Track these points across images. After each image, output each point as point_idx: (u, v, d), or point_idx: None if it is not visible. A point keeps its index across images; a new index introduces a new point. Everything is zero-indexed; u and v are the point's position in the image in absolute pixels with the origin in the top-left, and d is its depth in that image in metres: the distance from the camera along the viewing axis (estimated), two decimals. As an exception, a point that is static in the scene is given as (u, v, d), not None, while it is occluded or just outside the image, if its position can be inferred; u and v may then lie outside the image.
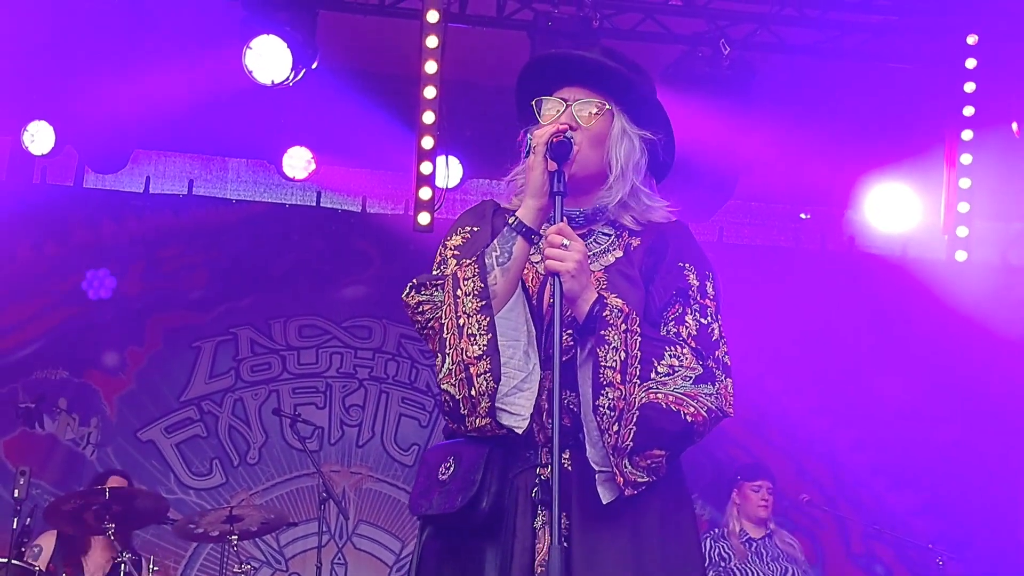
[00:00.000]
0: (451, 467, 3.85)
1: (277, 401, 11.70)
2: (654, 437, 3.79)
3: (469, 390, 3.72)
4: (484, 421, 3.73)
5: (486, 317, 3.75)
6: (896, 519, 11.27)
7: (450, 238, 4.06)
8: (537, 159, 3.85)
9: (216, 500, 11.32)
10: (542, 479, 3.81)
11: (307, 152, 10.87)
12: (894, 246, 11.71)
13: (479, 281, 3.79)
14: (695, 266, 4.10)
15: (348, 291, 11.78)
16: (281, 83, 9.19)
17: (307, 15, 9.34)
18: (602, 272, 4.00)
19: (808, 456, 11.55)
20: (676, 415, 3.82)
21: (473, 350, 3.72)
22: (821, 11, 9.89)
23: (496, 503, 3.76)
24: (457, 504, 3.76)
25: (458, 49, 9.35)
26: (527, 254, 3.87)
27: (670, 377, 3.86)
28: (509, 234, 3.86)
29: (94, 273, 11.37)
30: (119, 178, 11.19)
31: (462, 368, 3.73)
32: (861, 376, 11.77)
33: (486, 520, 3.77)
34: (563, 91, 4.12)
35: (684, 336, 3.96)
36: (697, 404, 3.84)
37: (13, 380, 11.29)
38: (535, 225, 3.86)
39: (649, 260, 4.07)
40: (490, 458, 3.78)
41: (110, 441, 11.40)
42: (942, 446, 11.68)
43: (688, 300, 4.03)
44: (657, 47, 9.96)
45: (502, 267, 3.81)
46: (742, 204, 11.81)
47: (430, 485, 3.88)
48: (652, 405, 3.80)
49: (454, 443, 3.90)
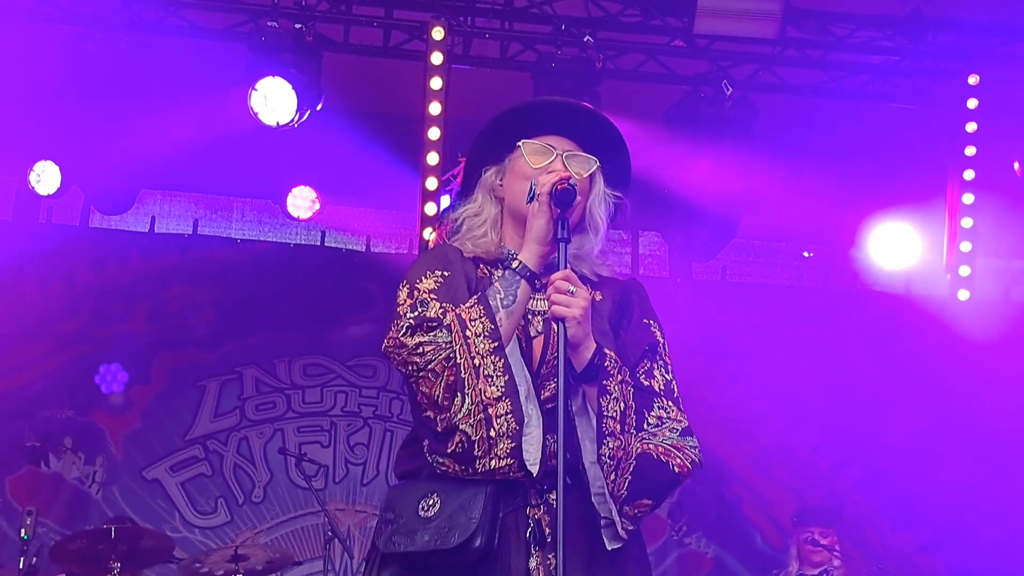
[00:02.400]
0: (435, 504, 3.81)
1: (282, 440, 11.70)
2: (645, 487, 3.86)
3: (488, 431, 3.71)
4: (503, 463, 3.73)
5: (500, 359, 3.77)
6: (900, 556, 11.28)
7: (419, 281, 3.97)
8: (542, 207, 3.87)
9: (221, 539, 11.32)
10: (534, 520, 3.84)
11: (312, 192, 10.92)
12: (897, 284, 11.73)
13: (488, 322, 3.79)
14: (658, 324, 4.19)
15: (352, 330, 11.78)
16: (286, 124, 9.23)
17: (312, 57, 9.40)
18: None
19: (812, 493, 11.54)
20: (666, 466, 3.89)
21: (492, 391, 3.73)
22: (823, 52, 9.94)
23: (488, 541, 3.76)
24: (453, 541, 3.73)
25: (462, 90, 9.40)
26: (527, 297, 3.90)
27: (659, 428, 3.95)
28: (512, 277, 3.88)
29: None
30: (125, 218, 11.24)
31: (481, 409, 3.72)
32: (865, 414, 11.77)
33: (478, 559, 3.76)
34: (549, 139, 4.13)
35: (657, 390, 4.03)
36: (683, 456, 3.93)
37: (19, 419, 11.29)
38: (537, 270, 3.89)
39: (616, 314, 4.14)
40: (487, 497, 3.78)
41: (116, 480, 11.39)
42: (946, 483, 11.66)
43: (656, 356, 4.10)
44: (660, 87, 10.03)
45: (507, 309, 3.83)
46: (745, 243, 11.84)
47: (410, 523, 3.83)
48: (645, 456, 3.87)
49: (428, 481, 3.88)
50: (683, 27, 9.68)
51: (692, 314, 4.39)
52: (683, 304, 9.67)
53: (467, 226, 4.18)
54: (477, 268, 4.06)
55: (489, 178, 4.19)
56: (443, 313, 3.84)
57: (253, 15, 9.45)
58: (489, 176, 4.20)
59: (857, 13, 9.82)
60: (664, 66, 9.99)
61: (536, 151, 4.10)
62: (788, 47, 9.89)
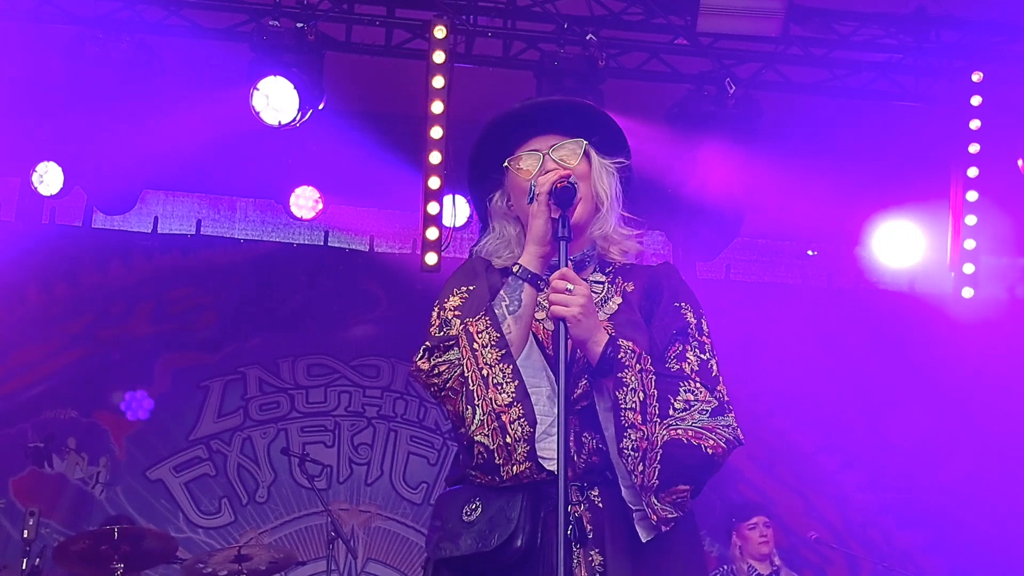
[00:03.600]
0: (477, 508, 3.84)
1: (286, 440, 11.70)
2: (678, 473, 3.86)
3: (504, 438, 3.73)
4: (523, 467, 3.75)
5: (509, 365, 3.79)
6: (906, 556, 11.27)
7: (447, 299, 4.04)
8: (540, 207, 3.87)
9: (225, 539, 11.32)
10: (575, 517, 3.82)
11: (314, 192, 10.92)
12: (901, 282, 11.71)
13: (494, 331, 3.81)
14: (690, 305, 4.17)
15: (356, 330, 11.78)
16: (288, 124, 9.23)
17: (314, 56, 9.38)
18: (607, 321, 4.02)
19: (817, 493, 11.54)
20: (697, 449, 3.89)
21: (502, 398, 3.75)
22: (826, 50, 9.92)
23: (530, 542, 3.77)
24: (493, 543, 3.75)
25: (464, 89, 9.39)
26: (535, 300, 3.91)
27: (687, 412, 3.93)
28: (515, 282, 3.90)
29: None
30: (127, 218, 11.24)
31: (494, 418, 3.74)
32: (870, 412, 11.76)
33: (520, 559, 3.77)
34: (531, 143, 4.15)
35: (688, 372, 4.01)
36: (716, 436, 3.92)
37: (22, 420, 11.31)
38: (540, 271, 3.90)
39: (647, 303, 4.13)
40: (524, 497, 3.79)
41: (119, 481, 11.40)
42: (951, 482, 11.65)
43: (688, 338, 4.08)
44: (663, 86, 10.01)
45: (514, 315, 3.85)
46: (749, 241, 11.83)
47: (454, 528, 3.87)
48: (674, 442, 3.86)
49: (472, 487, 3.90)
50: (686, 25, 9.67)
51: (696, 313, 4.44)
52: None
53: (492, 251, 4.22)
54: (506, 278, 4.05)
55: (497, 205, 4.24)
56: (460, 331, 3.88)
57: (255, 14, 9.43)
58: (496, 203, 4.24)
59: (861, 11, 9.80)
60: (667, 64, 9.97)
61: (524, 162, 4.12)
62: (791, 45, 9.87)
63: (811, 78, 10.11)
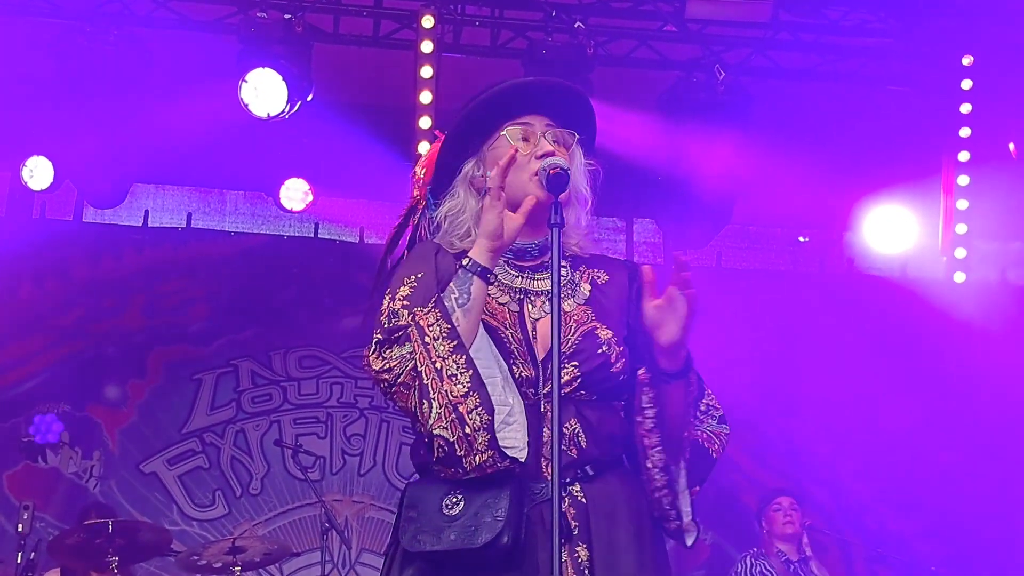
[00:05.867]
0: (459, 502, 3.76)
1: (279, 432, 11.69)
2: (696, 474, 3.96)
3: (463, 428, 3.64)
4: (485, 456, 3.66)
5: (462, 355, 3.70)
6: (900, 543, 11.27)
7: (398, 288, 3.90)
8: (493, 200, 3.80)
9: (219, 531, 11.32)
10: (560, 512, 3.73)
11: (304, 184, 10.90)
12: (893, 267, 11.69)
13: (445, 324, 3.72)
14: None
15: (347, 321, 11.75)
16: (277, 116, 9.22)
17: (302, 48, 9.38)
18: (586, 306, 4.00)
19: (811, 480, 11.53)
20: (707, 452, 3.97)
21: (458, 389, 3.66)
22: (816, 35, 9.93)
23: (515, 538, 3.70)
24: (480, 540, 3.67)
25: (453, 79, 9.38)
26: (485, 293, 3.83)
27: (704, 415, 4.00)
28: (465, 275, 3.79)
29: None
30: (118, 212, 11.23)
31: (451, 410, 3.65)
32: (862, 398, 11.75)
33: (505, 556, 3.70)
34: (525, 118, 4.07)
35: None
36: (720, 442, 4.00)
37: (16, 414, 11.30)
38: (490, 265, 3.82)
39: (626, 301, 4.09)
40: (512, 493, 3.72)
41: (113, 474, 11.39)
42: (945, 468, 11.66)
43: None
44: (652, 73, 10.01)
45: (463, 308, 3.75)
46: (740, 228, 11.82)
47: (434, 521, 3.78)
48: (695, 443, 3.95)
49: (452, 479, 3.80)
50: (675, 12, 9.67)
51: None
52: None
53: (449, 224, 4.10)
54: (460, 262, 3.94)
55: (469, 171, 4.11)
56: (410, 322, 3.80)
57: (242, 6, 9.43)
58: (469, 169, 4.11)
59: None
60: (656, 51, 9.97)
61: (518, 136, 4.04)
62: (781, 31, 9.87)
63: (801, 64, 10.11)
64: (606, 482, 3.88)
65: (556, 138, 4.05)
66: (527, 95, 4.12)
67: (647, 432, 3.90)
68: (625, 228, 12.04)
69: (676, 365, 3.88)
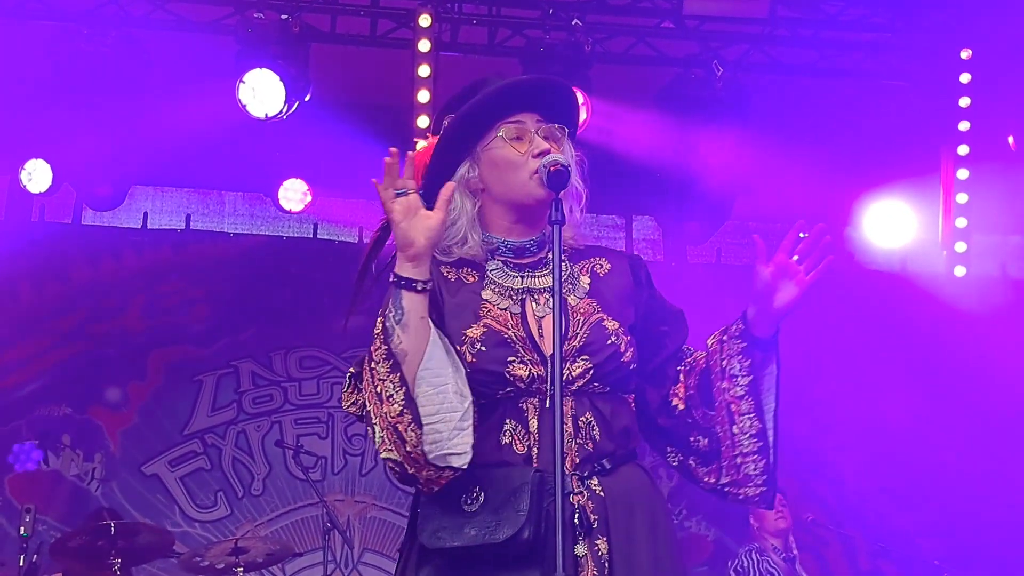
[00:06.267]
0: (479, 497, 3.77)
1: (280, 432, 11.69)
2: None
3: (405, 447, 3.66)
4: (429, 471, 3.69)
5: (396, 374, 3.69)
6: (902, 537, 11.25)
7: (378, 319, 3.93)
8: (396, 215, 3.79)
9: (221, 532, 11.32)
10: (579, 506, 3.78)
11: (303, 184, 10.88)
12: (893, 262, 11.69)
13: (383, 344, 3.73)
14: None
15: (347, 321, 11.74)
16: (275, 116, 9.23)
17: (299, 48, 9.38)
18: (590, 299, 3.99)
19: (812, 475, 11.52)
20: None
21: (394, 409, 3.67)
22: (814, 31, 9.92)
23: (535, 532, 3.70)
24: (502, 535, 3.68)
25: (450, 77, 9.37)
26: (419, 304, 3.77)
27: None
28: (394, 291, 3.78)
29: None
30: (117, 214, 11.21)
31: (392, 431, 3.67)
32: (864, 393, 11.74)
33: (525, 550, 3.70)
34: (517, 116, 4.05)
35: None
36: None
37: (17, 417, 11.30)
38: (415, 275, 3.77)
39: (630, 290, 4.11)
40: (531, 489, 3.72)
41: (114, 476, 11.39)
42: (947, 462, 11.65)
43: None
44: (650, 70, 10.01)
45: (400, 324, 3.73)
46: (739, 224, 11.78)
47: (454, 517, 3.78)
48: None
49: (471, 474, 3.79)
50: (672, 8, 9.68)
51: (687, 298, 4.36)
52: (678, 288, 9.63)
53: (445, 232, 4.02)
54: (459, 270, 4.00)
55: (464, 174, 4.07)
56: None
57: (239, 7, 9.43)
58: (464, 172, 4.07)
59: (847, -10, 9.81)
60: (654, 48, 9.97)
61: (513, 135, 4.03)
62: (778, 26, 9.87)
63: (799, 59, 10.11)
64: (622, 476, 3.89)
65: (547, 134, 4.04)
66: (517, 93, 4.10)
67: (736, 400, 4.02)
68: (624, 225, 12.03)
69: (772, 331, 4.03)
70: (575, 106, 4.21)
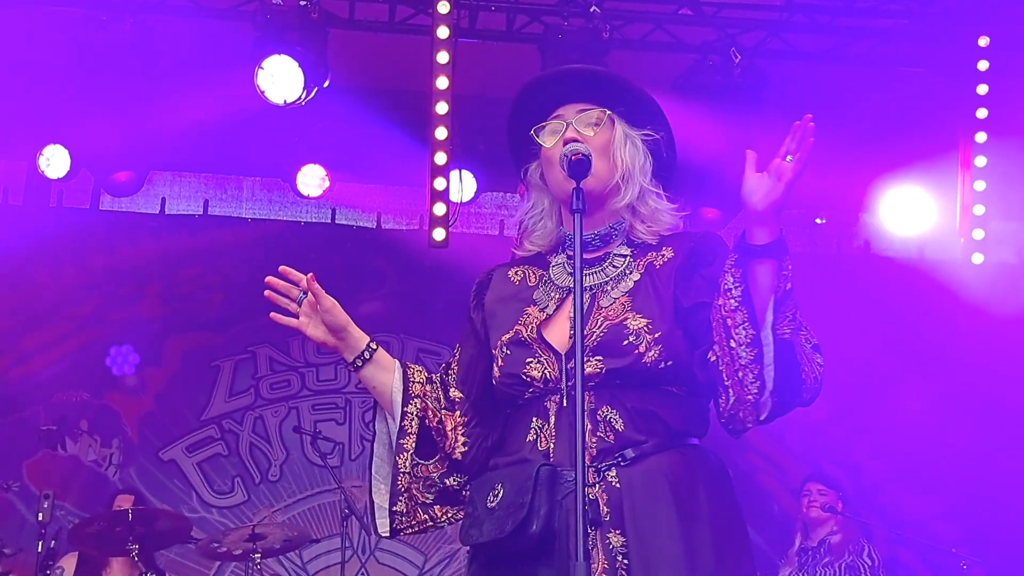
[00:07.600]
0: (499, 494, 3.81)
1: (297, 418, 11.72)
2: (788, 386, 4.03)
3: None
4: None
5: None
6: (918, 523, 11.25)
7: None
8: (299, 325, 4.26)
9: (239, 518, 11.36)
10: (591, 499, 3.75)
11: (321, 170, 10.89)
12: (910, 249, 11.67)
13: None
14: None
15: (365, 307, 11.70)
16: (293, 102, 9.22)
17: (318, 34, 9.36)
18: (626, 296, 3.94)
19: (827, 461, 11.50)
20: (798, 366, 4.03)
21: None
22: (831, 17, 9.89)
23: (546, 525, 3.70)
24: (508, 529, 3.71)
25: (469, 64, 9.38)
26: (371, 375, 4.33)
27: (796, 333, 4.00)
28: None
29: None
30: (135, 200, 11.23)
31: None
32: (879, 380, 11.74)
33: (538, 543, 3.72)
34: (558, 111, 4.08)
35: None
36: (815, 372, 4.15)
37: (35, 403, 11.34)
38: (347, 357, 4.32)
39: (690, 267, 3.99)
40: (537, 481, 3.73)
41: (132, 461, 11.43)
42: (962, 449, 11.63)
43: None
44: (668, 57, 9.98)
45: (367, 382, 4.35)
46: (756, 211, 11.79)
47: (480, 514, 3.86)
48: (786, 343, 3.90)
49: (498, 472, 3.93)
50: (690, -5, 9.66)
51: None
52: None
53: (529, 224, 4.21)
54: (528, 268, 4.18)
55: (533, 174, 4.19)
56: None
57: (258, -7, 9.43)
58: (533, 172, 4.19)
59: (865, -24, 9.78)
60: (671, 35, 9.95)
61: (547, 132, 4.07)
62: (796, 13, 9.85)
63: (816, 46, 10.08)
64: (649, 466, 3.80)
65: (587, 121, 4.04)
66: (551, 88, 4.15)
67: (731, 312, 3.70)
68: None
69: (767, 238, 3.74)
70: (619, 86, 4.15)
